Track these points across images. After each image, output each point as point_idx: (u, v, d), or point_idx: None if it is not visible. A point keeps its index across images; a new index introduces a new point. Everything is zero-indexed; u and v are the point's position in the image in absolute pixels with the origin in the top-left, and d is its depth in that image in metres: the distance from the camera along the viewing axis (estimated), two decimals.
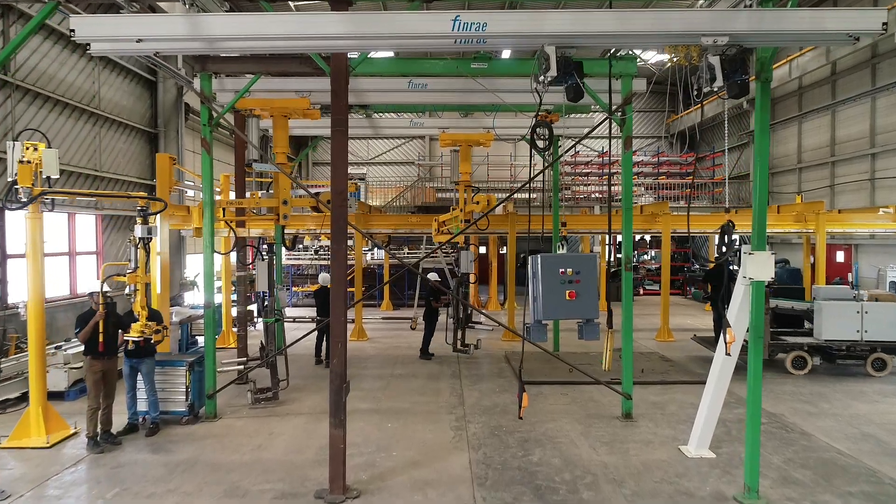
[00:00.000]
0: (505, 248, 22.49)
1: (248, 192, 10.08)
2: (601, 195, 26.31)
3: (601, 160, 26.71)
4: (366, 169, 26.45)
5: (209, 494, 5.83)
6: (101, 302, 7.09)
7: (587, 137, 7.44)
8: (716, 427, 6.84)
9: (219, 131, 19.28)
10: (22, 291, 9.27)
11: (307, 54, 7.51)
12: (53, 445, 7.07)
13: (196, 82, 8.13)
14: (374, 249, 19.90)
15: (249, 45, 5.67)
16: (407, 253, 20.80)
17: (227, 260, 13.97)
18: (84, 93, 13.03)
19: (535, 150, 5.81)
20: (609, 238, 7.31)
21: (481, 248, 23.15)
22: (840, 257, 19.15)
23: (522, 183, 7.71)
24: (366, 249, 19.24)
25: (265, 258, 9.13)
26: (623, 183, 8.01)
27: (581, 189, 26.76)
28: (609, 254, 24.92)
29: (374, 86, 10.02)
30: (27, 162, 6.87)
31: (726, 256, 5.46)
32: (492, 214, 12.09)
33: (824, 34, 4.99)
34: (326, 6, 5.62)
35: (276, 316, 9.11)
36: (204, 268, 8.27)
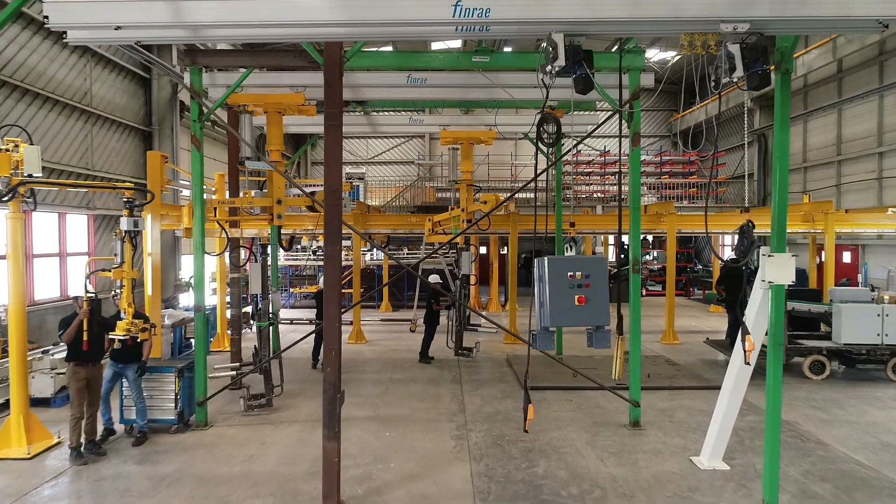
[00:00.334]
0: (506, 249, 22.26)
1: (241, 192, 9.73)
2: (603, 194, 25.99)
3: (603, 159, 26.40)
4: (365, 168, 26.13)
5: None
6: (85, 299, 6.79)
7: (591, 136, 7.10)
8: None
9: (215, 130, 18.94)
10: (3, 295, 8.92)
11: (301, 47, 7.18)
12: (35, 456, 6.75)
13: (186, 77, 7.78)
14: (374, 249, 19.59)
15: (237, 33, 5.33)
16: (407, 253, 20.50)
17: (223, 261, 13.64)
18: (75, 90, 12.69)
19: (542, 146, 5.45)
20: (619, 238, 6.94)
21: (482, 249, 22.84)
22: (847, 258, 18.83)
23: (527, 181, 7.37)
24: (365, 249, 18.91)
25: (258, 260, 8.81)
26: (631, 181, 7.67)
27: (582, 188, 26.48)
28: (611, 255, 24.83)
29: (372, 80, 9.61)
30: (5, 150, 6.55)
31: (748, 259, 5.13)
32: (493, 214, 11.76)
33: (851, 20, 4.65)
34: None
35: (271, 320, 8.78)
36: (194, 270, 7.94)
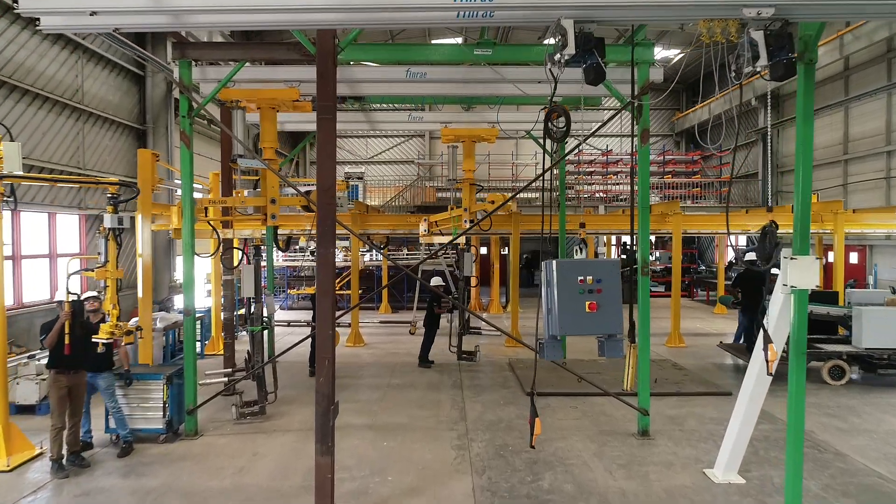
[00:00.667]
0: (506, 249, 21.93)
1: (234, 191, 9.39)
2: (605, 194, 25.67)
3: (605, 158, 26.09)
4: (364, 168, 25.81)
5: None
6: (67, 300, 6.45)
7: (595, 135, 6.84)
8: None
9: (210, 127, 18.60)
10: None
11: (295, 39, 6.85)
12: (14, 468, 6.42)
13: (175, 71, 7.44)
14: (372, 249, 19.28)
15: (222, 19, 4.99)
16: (406, 254, 20.18)
17: (218, 262, 13.31)
18: (66, 87, 12.35)
19: (550, 140, 5.13)
20: (631, 239, 6.54)
21: (482, 249, 22.51)
22: (853, 258, 18.51)
23: (530, 180, 7.04)
24: (364, 250, 18.58)
25: (252, 261, 8.47)
26: (640, 180, 7.35)
27: (584, 188, 26.16)
28: (613, 255, 24.47)
29: (370, 75, 9.28)
30: None
31: (773, 262, 4.80)
32: (494, 214, 11.43)
33: (884, 4, 4.33)
34: None
35: (264, 324, 8.45)
36: (184, 272, 7.61)
